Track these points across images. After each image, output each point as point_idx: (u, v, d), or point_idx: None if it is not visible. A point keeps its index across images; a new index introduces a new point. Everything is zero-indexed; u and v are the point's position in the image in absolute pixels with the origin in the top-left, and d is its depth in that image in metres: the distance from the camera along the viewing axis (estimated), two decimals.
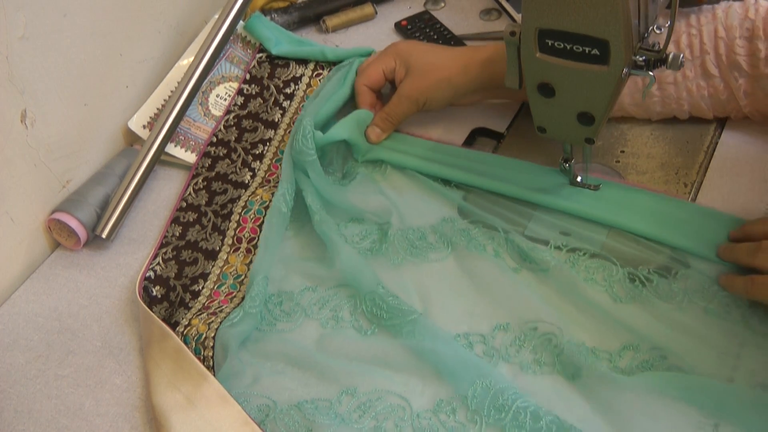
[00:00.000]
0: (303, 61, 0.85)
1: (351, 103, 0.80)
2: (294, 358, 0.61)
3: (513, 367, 0.59)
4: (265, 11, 0.93)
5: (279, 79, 0.84)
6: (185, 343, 0.61)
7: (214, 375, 0.59)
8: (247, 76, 0.85)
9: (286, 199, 0.70)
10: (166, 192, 0.79)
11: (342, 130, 0.74)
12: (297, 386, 0.60)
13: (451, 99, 0.76)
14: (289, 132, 0.80)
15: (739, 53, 0.65)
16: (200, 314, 0.64)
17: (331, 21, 0.94)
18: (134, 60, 0.81)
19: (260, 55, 0.86)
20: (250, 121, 0.82)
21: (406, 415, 0.57)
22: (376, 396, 0.58)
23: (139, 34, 0.80)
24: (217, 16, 0.84)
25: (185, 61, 0.85)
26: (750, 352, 0.57)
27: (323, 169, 0.73)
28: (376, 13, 0.96)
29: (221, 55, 0.85)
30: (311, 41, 0.88)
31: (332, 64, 0.84)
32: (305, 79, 0.84)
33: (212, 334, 0.61)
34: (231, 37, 0.86)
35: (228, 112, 0.82)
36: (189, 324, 0.63)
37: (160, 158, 0.78)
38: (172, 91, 0.83)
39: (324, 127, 0.76)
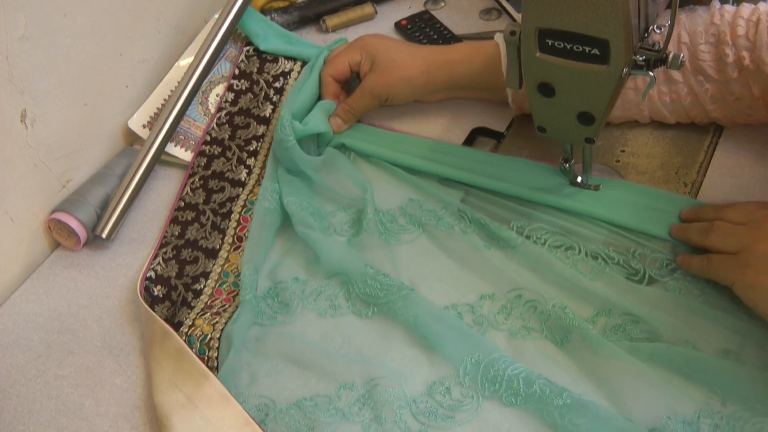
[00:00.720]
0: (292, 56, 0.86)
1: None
2: (291, 356, 0.61)
3: (503, 334, 0.61)
4: (265, 11, 0.93)
5: (268, 73, 0.84)
6: (189, 344, 0.61)
7: (217, 375, 0.59)
8: (236, 71, 0.85)
9: (267, 196, 0.71)
10: (166, 192, 0.79)
11: (318, 122, 0.76)
12: (295, 385, 0.60)
13: (413, 97, 0.79)
14: None
15: (704, 59, 0.66)
16: (203, 314, 0.64)
17: (331, 21, 0.94)
18: (134, 60, 0.81)
19: (247, 48, 0.86)
20: (242, 117, 0.82)
21: (403, 401, 0.57)
22: (372, 385, 0.58)
23: (139, 34, 0.80)
24: (217, 16, 0.84)
25: (185, 61, 0.85)
26: (707, 324, 0.58)
27: (303, 150, 0.74)
28: (376, 12, 0.96)
29: (221, 55, 0.85)
30: (299, 38, 0.88)
31: None
32: (294, 74, 0.84)
33: (217, 335, 0.61)
34: (231, 37, 0.86)
35: (219, 109, 0.82)
36: (193, 324, 0.63)
37: (160, 158, 0.78)
38: (171, 91, 0.83)
39: (301, 117, 0.77)
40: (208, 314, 0.64)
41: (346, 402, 0.58)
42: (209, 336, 0.61)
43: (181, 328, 0.63)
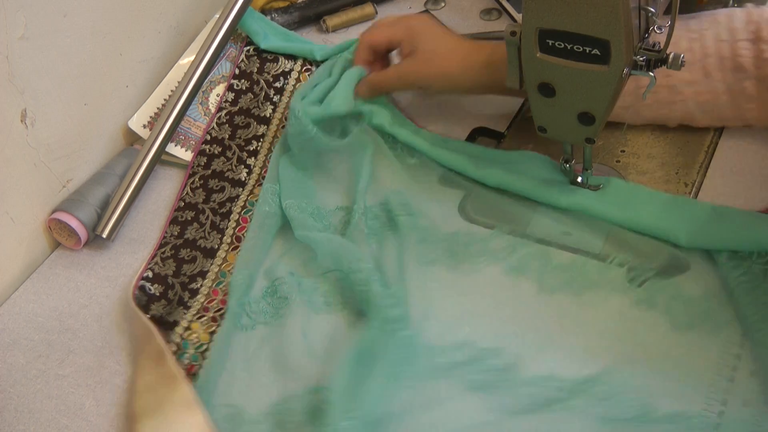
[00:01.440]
0: (292, 56, 0.86)
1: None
2: (273, 362, 0.61)
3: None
4: (265, 11, 0.93)
5: (268, 73, 0.84)
6: (183, 347, 0.61)
7: (197, 382, 0.58)
8: (236, 71, 0.85)
9: (267, 198, 0.71)
10: (167, 192, 0.79)
11: (342, 102, 0.74)
12: (269, 392, 0.59)
13: (449, 91, 0.77)
14: (281, 127, 0.80)
15: (744, 55, 0.65)
16: (200, 317, 0.64)
17: (332, 21, 0.94)
18: (134, 60, 0.81)
19: (248, 48, 0.86)
20: (242, 117, 0.82)
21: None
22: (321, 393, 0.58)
23: (139, 34, 0.80)
24: (217, 16, 0.84)
25: (185, 61, 0.85)
26: (668, 335, 0.58)
27: (326, 135, 0.73)
28: (377, 13, 0.96)
29: (221, 54, 0.85)
30: (300, 36, 0.88)
31: (320, 63, 0.84)
32: (294, 74, 0.84)
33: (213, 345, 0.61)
34: (231, 37, 0.86)
35: (219, 109, 0.82)
36: (189, 328, 0.63)
37: (161, 158, 0.78)
38: (172, 91, 0.83)
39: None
40: (205, 318, 0.64)
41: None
42: (205, 346, 0.61)
43: (176, 329, 0.63)
